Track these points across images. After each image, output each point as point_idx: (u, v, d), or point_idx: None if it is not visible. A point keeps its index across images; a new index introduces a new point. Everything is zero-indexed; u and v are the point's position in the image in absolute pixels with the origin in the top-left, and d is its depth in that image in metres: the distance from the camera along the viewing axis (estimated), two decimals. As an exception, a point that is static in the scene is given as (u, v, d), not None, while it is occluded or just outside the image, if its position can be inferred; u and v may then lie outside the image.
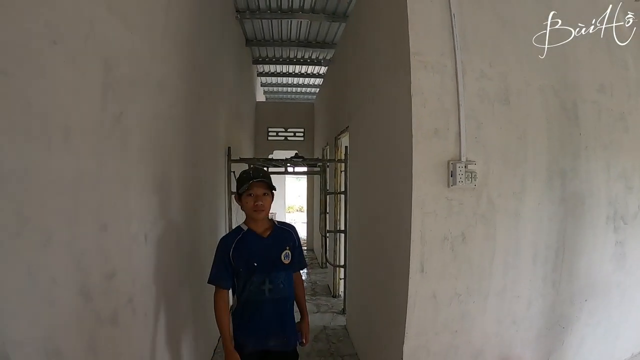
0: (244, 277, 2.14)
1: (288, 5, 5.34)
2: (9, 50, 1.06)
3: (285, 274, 2.21)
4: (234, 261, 2.14)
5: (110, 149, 1.67)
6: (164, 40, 2.40)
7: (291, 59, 7.88)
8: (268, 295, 2.15)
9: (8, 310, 1.06)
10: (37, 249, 1.19)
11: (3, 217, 1.04)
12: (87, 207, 1.50)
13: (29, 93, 1.15)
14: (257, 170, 2.19)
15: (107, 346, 1.64)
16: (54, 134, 1.27)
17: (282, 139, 9.42)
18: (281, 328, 2.22)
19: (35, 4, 1.18)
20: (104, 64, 1.61)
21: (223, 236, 2.31)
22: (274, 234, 2.23)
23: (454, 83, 2.34)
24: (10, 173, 1.07)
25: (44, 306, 1.23)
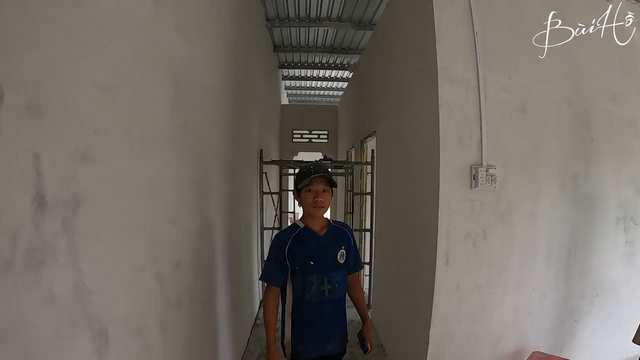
0: (300, 276, 2.03)
1: (316, 14, 5.45)
2: (119, 73, 1.26)
3: (340, 273, 2.10)
4: (289, 259, 2.03)
5: (177, 153, 1.84)
6: (214, 52, 2.56)
7: (316, 64, 7.90)
8: (328, 296, 2.04)
9: (109, 294, 1.21)
10: (126, 241, 1.35)
11: (103, 213, 1.23)
12: (161, 204, 1.66)
13: (128, 108, 1.36)
14: (318, 166, 2.07)
15: (174, 327, 1.80)
16: (141, 141, 1.44)
17: (306, 140, 9.47)
18: (338, 329, 2.15)
19: (129, 33, 1.36)
20: (173, 78, 1.77)
21: (278, 233, 2.23)
22: (330, 232, 2.12)
23: (476, 95, 2.51)
24: (117, 174, 1.28)
25: (133, 291, 1.40)
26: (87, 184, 1.08)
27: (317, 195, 2.01)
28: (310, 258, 2.02)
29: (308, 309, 2.04)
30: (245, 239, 3.65)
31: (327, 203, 2.05)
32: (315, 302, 2.03)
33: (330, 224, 2.15)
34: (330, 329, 2.11)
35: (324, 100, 11.48)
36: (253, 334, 4.16)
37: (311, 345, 2.07)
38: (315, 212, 2.04)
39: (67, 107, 1.00)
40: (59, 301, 0.98)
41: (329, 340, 2.11)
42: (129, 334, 1.36)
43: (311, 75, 8.95)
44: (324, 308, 2.05)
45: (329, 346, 2.11)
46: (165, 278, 1.68)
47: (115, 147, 1.24)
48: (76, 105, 1.03)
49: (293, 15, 5.54)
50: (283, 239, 2.07)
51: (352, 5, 5.18)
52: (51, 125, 0.94)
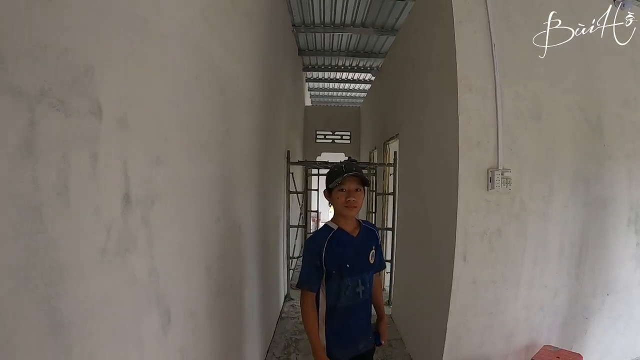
0: (336, 280, 1.92)
1: (340, 20, 5.56)
2: (180, 89, 1.43)
3: (370, 273, 2.03)
4: (326, 264, 1.90)
5: (221, 157, 2.00)
6: (250, 63, 2.72)
7: (339, 67, 7.95)
8: (362, 297, 1.97)
9: (172, 279, 1.37)
10: (184, 234, 1.50)
11: (170, 209, 1.39)
12: (211, 202, 1.83)
13: (186, 118, 1.53)
14: (349, 164, 1.96)
15: (217, 312, 1.96)
16: (195, 147, 1.60)
17: (329, 141, 9.45)
18: (369, 327, 2.09)
19: (187, 53, 1.53)
20: (219, 90, 1.93)
21: (311, 236, 2.08)
22: (362, 233, 2.02)
23: (493, 103, 2.60)
24: (180, 176, 1.46)
25: (189, 277, 1.56)
26: (159, 185, 1.24)
27: (349, 195, 1.89)
28: (347, 261, 1.92)
29: (343, 312, 1.95)
30: (273, 236, 3.81)
31: (359, 203, 1.92)
32: (351, 304, 1.95)
33: (361, 224, 2.05)
34: (362, 329, 2.04)
35: (346, 101, 11.46)
36: (278, 326, 4.30)
37: (346, 349, 1.99)
38: (348, 212, 1.92)
39: (146, 120, 1.16)
40: (138, 282, 1.14)
41: (362, 339, 2.04)
42: (185, 315, 1.52)
43: (334, 78, 8.94)
44: (358, 309, 1.98)
45: (361, 345, 2.04)
46: (212, 268, 1.84)
47: (178, 152, 1.40)
48: (152, 118, 1.20)
49: (318, 21, 5.66)
50: (319, 242, 1.93)
51: (375, 12, 5.27)
52: (135, 135, 1.10)
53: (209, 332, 1.82)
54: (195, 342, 1.63)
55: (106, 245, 0.98)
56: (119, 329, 1.06)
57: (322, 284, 1.95)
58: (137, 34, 1.11)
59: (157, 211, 1.22)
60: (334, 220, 2.01)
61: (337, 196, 1.91)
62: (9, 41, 0.69)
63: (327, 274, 1.92)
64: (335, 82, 9.27)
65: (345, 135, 9.47)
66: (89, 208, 0.91)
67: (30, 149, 0.74)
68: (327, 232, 1.95)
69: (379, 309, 2.22)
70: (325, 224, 2.03)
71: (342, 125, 9.45)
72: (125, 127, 1.05)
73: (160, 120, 1.25)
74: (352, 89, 9.89)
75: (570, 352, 2.70)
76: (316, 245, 1.93)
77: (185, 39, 1.49)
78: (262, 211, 3.36)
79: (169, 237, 1.34)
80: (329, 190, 1.95)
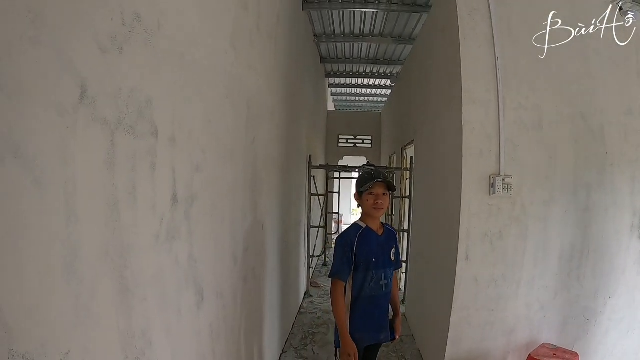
0: (362, 271, 2.18)
1: (360, 30, 5.80)
2: (214, 107, 1.75)
3: (391, 270, 2.28)
4: (356, 256, 2.17)
5: (247, 163, 2.30)
6: (273, 79, 3.01)
7: (360, 73, 8.20)
8: (384, 290, 2.23)
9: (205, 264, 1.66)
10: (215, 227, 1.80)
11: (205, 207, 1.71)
12: (237, 202, 2.13)
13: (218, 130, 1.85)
14: (378, 171, 2.22)
15: (241, 296, 2.26)
16: (225, 155, 1.91)
17: (351, 145, 9.68)
18: (388, 320, 2.33)
19: (219, 77, 1.83)
20: (246, 103, 2.24)
21: (343, 232, 2.32)
22: (386, 233, 2.30)
23: (496, 114, 2.80)
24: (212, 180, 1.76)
25: (218, 264, 1.86)
26: (197, 187, 1.55)
27: (377, 198, 2.16)
28: (373, 255, 2.19)
29: (367, 301, 2.20)
30: (294, 235, 4.12)
31: (386, 205, 2.20)
32: (374, 295, 2.20)
33: (384, 225, 2.33)
34: (384, 320, 2.29)
35: (367, 106, 11.66)
36: (297, 320, 4.60)
37: (368, 334, 2.24)
38: (375, 213, 2.20)
39: (188, 136, 1.47)
40: (180, 264, 1.45)
41: (383, 329, 2.29)
42: (214, 295, 1.83)
43: (356, 83, 9.16)
44: (380, 301, 2.24)
45: (382, 335, 2.30)
46: (238, 258, 2.15)
47: (212, 160, 1.71)
48: (192, 134, 1.51)
49: (339, 31, 5.91)
50: (351, 238, 2.20)
51: (392, 23, 5.48)
52: (180, 149, 1.41)
53: (233, 313, 2.12)
54: (221, 320, 1.94)
55: (159, 232, 1.29)
56: (165, 300, 1.37)
57: (350, 276, 2.21)
58: (178, 68, 1.42)
59: (196, 208, 1.54)
60: (362, 220, 2.28)
61: (366, 199, 2.19)
62: (98, 85, 1.00)
63: (356, 266, 2.18)
64: (356, 88, 9.44)
65: (366, 140, 9.65)
66: (148, 204, 1.22)
67: (112, 162, 1.05)
68: (358, 229, 2.24)
69: (395, 305, 2.43)
70: (355, 223, 2.31)
71: (363, 130, 9.64)
72: (173, 143, 1.36)
73: (198, 135, 1.56)
74: (372, 94, 10.04)
75: (567, 351, 2.84)
76: (349, 240, 2.20)
77: (217, 66, 1.79)
78: (284, 212, 3.64)
79: (204, 229, 1.65)
80: (359, 193, 2.23)
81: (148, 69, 1.21)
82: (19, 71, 0.77)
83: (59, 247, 0.88)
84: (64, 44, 0.88)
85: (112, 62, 1.04)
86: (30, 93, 0.79)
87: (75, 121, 0.91)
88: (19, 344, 0.77)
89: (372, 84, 8.97)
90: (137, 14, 1.13)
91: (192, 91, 1.52)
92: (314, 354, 3.77)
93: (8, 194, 0.74)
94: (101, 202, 1.02)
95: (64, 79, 0.88)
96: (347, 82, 9.16)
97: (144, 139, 1.18)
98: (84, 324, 0.96)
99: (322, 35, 6.06)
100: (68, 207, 0.90)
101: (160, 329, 1.34)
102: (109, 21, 1.03)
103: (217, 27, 1.79)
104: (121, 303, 1.11)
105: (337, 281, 2.19)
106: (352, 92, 10.19)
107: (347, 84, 9.26)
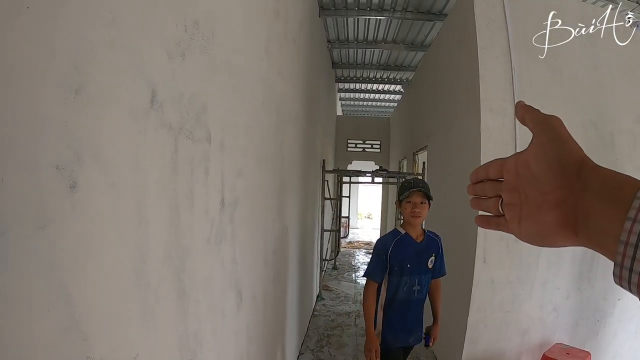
0: (397, 275, 2.19)
1: (373, 37, 5.73)
2: (253, 113, 1.72)
3: (427, 277, 2.25)
4: (390, 260, 2.18)
5: (276, 168, 2.27)
6: (297, 84, 2.99)
7: (370, 79, 8.02)
8: (416, 295, 2.22)
9: (244, 267, 1.62)
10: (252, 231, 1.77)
11: (245, 211, 1.68)
12: (269, 206, 2.11)
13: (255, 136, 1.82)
14: (417, 181, 2.21)
15: (271, 297, 2.24)
16: (260, 160, 1.87)
17: (360, 150, 9.54)
18: (420, 325, 2.32)
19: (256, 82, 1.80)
20: (276, 110, 2.21)
21: (381, 237, 2.37)
22: (425, 240, 2.25)
23: (512, 122, 2.79)
24: (251, 185, 1.73)
25: (253, 267, 1.83)
26: (239, 191, 1.52)
27: (415, 207, 2.15)
28: (407, 261, 2.18)
29: (400, 304, 2.21)
30: (310, 239, 4.08)
31: (423, 214, 2.17)
32: (407, 299, 2.21)
33: (426, 232, 2.29)
34: (415, 324, 2.28)
35: (375, 111, 11.53)
36: (311, 322, 4.54)
37: (399, 336, 2.25)
38: (413, 221, 2.18)
39: (233, 141, 1.44)
40: (225, 267, 1.42)
41: (413, 333, 2.28)
42: (250, 297, 1.79)
43: (365, 89, 9.02)
44: (412, 306, 2.23)
45: (412, 338, 2.29)
46: (268, 261, 2.12)
47: (251, 165, 1.68)
48: (236, 139, 1.48)
49: (352, 37, 5.84)
50: (387, 242, 2.23)
51: (405, 30, 5.42)
52: (227, 154, 1.38)
53: (263, 315, 2.09)
54: (255, 322, 1.91)
55: (210, 236, 1.26)
56: (213, 302, 1.33)
57: (385, 278, 2.23)
58: (227, 74, 1.39)
59: (238, 212, 1.50)
60: (402, 226, 2.28)
61: (405, 207, 2.18)
62: (165, 90, 0.97)
63: (390, 269, 2.20)
64: (365, 93, 9.33)
65: (375, 145, 9.54)
66: (202, 208, 1.19)
67: (175, 166, 1.02)
68: (395, 235, 2.25)
69: (436, 313, 2.40)
70: (395, 229, 2.33)
71: (371, 135, 9.53)
72: (223, 148, 1.33)
73: (241, 141, 1.53)
74: (381, 99, 9.93)
75: (580, 350, 2.83)
76: (384, 244, 2.23)
77: (255, 73, 1.77)
78: (303, 216, 3.61)
79: (244, 233, 1.62)
80: (399, 201, 2.23)
81: (204, 75, 1.18)
82: (100, 74, 0.74)
83: (130, 251, 0.85)
84: (137, 48, 0.85)
85: (176, 67, 1.01)
86: (107, 96, 0.77)
87: (146, 126, 0.89)
88: (94, 350, 0.75)
89: (382, 89, 8.83)
90: (197, 21, 1.11)
91: (237, 97, 1.49)
92: (331, 355, 3.72)
93: (87, 198, 0.71)
94: (165, 207, 0.99)
95: (137, 83, 0.86)
96: (357, 88, 9.02)
97: (200, 144, 1.15)
98: (149, 327, 0.93)
99: (335, 41, 5.97)
100: (139, 212, 0.87)
101: (209, 330, 1.30)
102: (174, 27, 1.00)
103: (256, 34, 1.77)
104: (180, 306, 1.08)
105: (370, 282, 2.23)
106: (361, 97, 10.07)
107: (357, 89, 9.12)
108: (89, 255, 0.72)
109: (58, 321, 0.66)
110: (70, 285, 0.67)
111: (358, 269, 7.34)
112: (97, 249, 0.74)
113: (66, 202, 0.66)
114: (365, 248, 9.71)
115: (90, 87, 0.71)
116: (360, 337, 4.12)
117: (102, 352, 0.76)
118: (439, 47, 4.28)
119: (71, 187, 0.67)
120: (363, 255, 8.74)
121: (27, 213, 0.59)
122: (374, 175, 5.91)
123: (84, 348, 0.72)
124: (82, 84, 0.69)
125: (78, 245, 0.69)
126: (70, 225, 0.67)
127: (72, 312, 0.68)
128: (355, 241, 10.76)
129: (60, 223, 0.65)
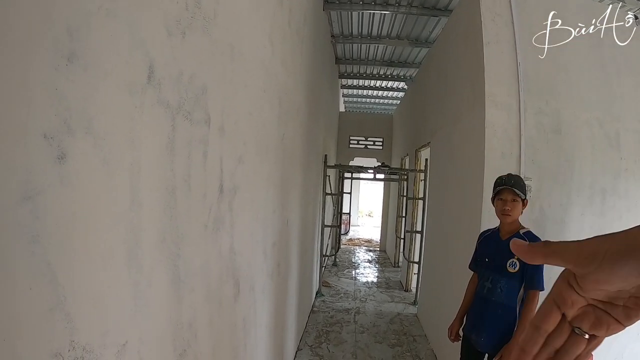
0: (479, 268, 2.21)
1: (377, 32, 5.68)
2: (254, 100, 1.68)
3: (507, 280, 2.02)
4: (477, 251, 2.26)
5: (278, 159, 2.23)
6: (299, 75, 2.95)
7: (374, 75, 7.97)
8: (485, 293, 2.10)
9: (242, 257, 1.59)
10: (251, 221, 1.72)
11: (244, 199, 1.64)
12: (269, 197, 2.06)
13: (256, 124, 1.78)
14: (509, 178, 2.10)
15: (269, 290, 2.20)
16: (261, 149, 1.83)
17: (362, 147, 9.41)
18: (482, 328, 2.10)
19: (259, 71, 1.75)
20: (278, 100, 2.16)
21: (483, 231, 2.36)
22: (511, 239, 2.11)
23: (517, 118, 2.75)
24: (251, 173, 1.69)
25: (252, 258, 1.78)
26: (239, 179, 1.47)
27: (505, 204, 2.05)
28: (486, 255, 2.16)
29: (478, 300, 2.17)
30: (310, 234, 4.03)
31: (514, 212, 2.05)
32: (482, 296, 2.13)
33: (518, 232, 2.08)
34: (482, 326, 2.10)
35: (377, 108, 11.42)
36: (310, 318, 4.50)
37: (472, 332, 2.17)
38: (503, 219, 2.10)
39: (236, 127, 1.40)
40: (222, 256, 1.37)
41: (480, 334, 2.10)
42: (248, 289, 1.75)
43: (368, 85, 8.93)
44: (488, 305, 2.08)
45: (478, 339, 2.11)
46: (267, 253, 2.08)
47: (251, 153, 1.64)
48: (237, 125, 1.43)
49: (356, 32, 5.79)
50: (481, 234, 2.31)
51: (410, 26, 5.37)
52: (227, 139, 1.34)
53: (261, 308, 2.05)
54: (252, 315, 1.86)
55: (207, 222, 1.22)
56: (209, 291, 1.29)
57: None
58: (229, 58, 1.35)
59: (237, 200, 1.46)
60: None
61: (496, 204, 2.13)
62: (163, 67, 0.93)
63: (477, 261, 2.27)
64: (368, 89, 9.25)
65: (377, 141, 9.44)
66: (200, 192, 1.14)
67: (172, 147, 0.98)
68: (488, 230, 2.29)
69: (518, 324, 2.02)
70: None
71: (373, 131, 9.45)
72: (222, 133, 1.29)
73: (242, 127, 1.49)
74: (384, 96, 9.86)
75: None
76: (479, 235, 2.33)
77: (257, 60, 1.72)
78: (304, 209, 3.57)
79: (242, 222, 1.57)
80: (493, 198, 2.18)
81: (205, 56, 1.14)
82: (97, 43, 0.70)
83: (122, 231, 0.81)
84: (136, 21, 0.81)
85: (176, 45, 0.97)
86: (104, 67, 0.73)
87: (142, 102, 0.85)
88: (80, 335, 0.70)
89: (385, 86, 8.75)
90: (198, 0, 1.06)
91: (238, 82, 1.45)
92: (329, 352, 3.68)
93: (76, 171, 0.67)
94: (161, 188, 0.94)
95: (134, 56, 0.82)
96: (360, 84, 8.94)
97: (199, 126, 1.11)
98: (141, 314, 0.90)
99: (340, 36, 5.92)
100: (132, 190, 0.83)
101: (204, 320, 1.26)
102: (175, 4, 0.96)
103: (260, 20, 1.72)
104: (174, 293, 1.04)
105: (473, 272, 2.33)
106: (364, 94, 10.00)
107: (360, 86, 9.05)
108: (77, 232, 0.68)
109: (41, 301, 0.62)
110: (55, 262, 0.63)
111: (358, 266, 7.30)
112: (86, 226, 0.70)
113: (53, 174, 0.62)
114: (365, 246, 9.66)
115: (84, 56, 0.67)
116: (359, 335, 4.08)
117: (87, 337, 0.72)
118: (444, 43, 4.22)
119: (59, 158, 0.63)
120: (363, 253, 8.69)
121: (11, 180, 0.55)
122: (375, 172, 5.86)
123: (68, 332, 0.67)
124: (75, 52, 0.65)
125: (66, 221, 0.65)
126: (57, 199, 0.63)
127: (57, 292, 0.64)
128: (356, 238, 10.72)
129: (47, 195, 0.61)
